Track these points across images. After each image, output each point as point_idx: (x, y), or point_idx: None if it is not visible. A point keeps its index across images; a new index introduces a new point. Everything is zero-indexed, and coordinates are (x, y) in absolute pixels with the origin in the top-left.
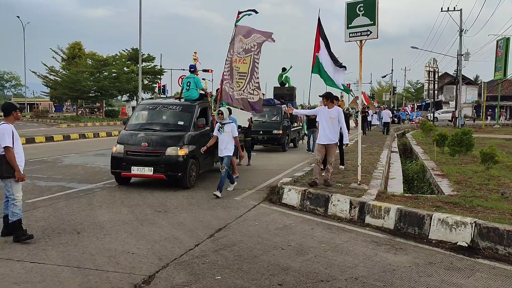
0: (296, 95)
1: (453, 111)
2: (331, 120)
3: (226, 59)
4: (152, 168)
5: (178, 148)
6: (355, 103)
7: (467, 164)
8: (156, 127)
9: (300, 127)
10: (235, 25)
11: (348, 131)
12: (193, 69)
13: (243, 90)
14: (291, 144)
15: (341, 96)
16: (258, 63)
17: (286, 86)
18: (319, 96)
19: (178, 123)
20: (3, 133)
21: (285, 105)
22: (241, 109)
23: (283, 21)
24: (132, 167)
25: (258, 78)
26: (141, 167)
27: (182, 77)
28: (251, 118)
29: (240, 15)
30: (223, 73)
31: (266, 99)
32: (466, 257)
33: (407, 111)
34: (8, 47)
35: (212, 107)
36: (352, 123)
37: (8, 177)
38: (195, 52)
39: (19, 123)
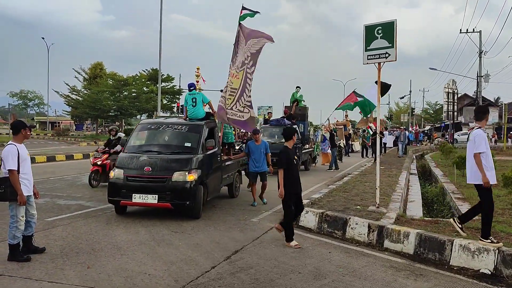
0: (309, 115)
1: (451, 132)
2: None
3: (230, 71)
4: (157, 195)
5: (186, 173)
6: (364, 123)
7: None
8: (160, 149)
9: (312, 149)
10: (239, 22)
11: (348, 154)
12: (192, 87)
13: (232, 108)
14: (302, 167)
15: (346, 116)
16: (251, 79)
17: (298, 105)
18: None
19: (185, 144)
20: (7, 156)
21: (295, 125)
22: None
23: (302, 42)
24: (133, 194)
25: (249, 96)
26: (143, 195)
27: None
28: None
29: (243, 12)
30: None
31: (276, 119)
32: (489, 285)
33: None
34: (33, 67)
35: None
36: (357, 146)
37: (12, 199)
38: (197, 68)
39: (41, 141)
